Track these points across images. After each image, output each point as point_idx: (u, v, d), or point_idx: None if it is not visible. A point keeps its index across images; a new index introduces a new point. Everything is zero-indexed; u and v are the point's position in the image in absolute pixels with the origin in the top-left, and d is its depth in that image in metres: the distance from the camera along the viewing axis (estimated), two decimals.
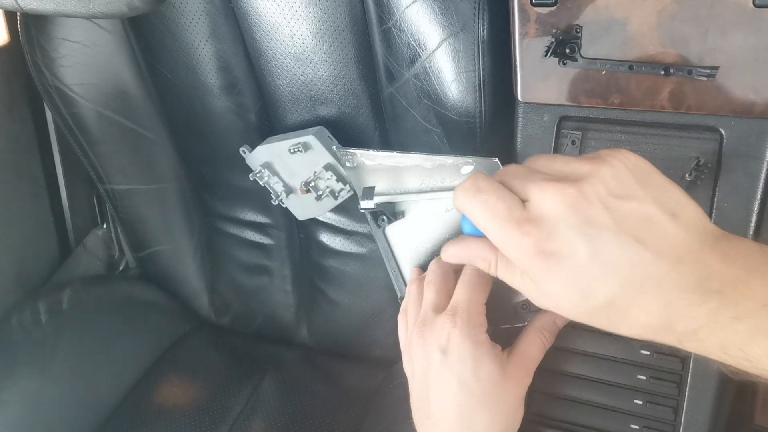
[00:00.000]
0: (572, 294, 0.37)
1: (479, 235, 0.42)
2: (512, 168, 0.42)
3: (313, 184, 0.83)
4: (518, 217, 0.38)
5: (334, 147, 0.80)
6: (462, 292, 0.51)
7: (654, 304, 0.36)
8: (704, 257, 0.36)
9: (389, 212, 0.64)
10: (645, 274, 0.35)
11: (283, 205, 0.88)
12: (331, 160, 0.80)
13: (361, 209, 0.62)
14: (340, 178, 0.81)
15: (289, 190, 0.87)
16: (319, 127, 0.82)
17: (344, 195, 0.83)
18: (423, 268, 0.62)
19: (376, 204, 0.62)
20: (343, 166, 0.71)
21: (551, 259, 0.36)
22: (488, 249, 0.43)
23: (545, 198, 0.37)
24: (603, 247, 0.36)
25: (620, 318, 0.37)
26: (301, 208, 0.89)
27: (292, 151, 0.80)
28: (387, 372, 0.96)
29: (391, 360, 0.97)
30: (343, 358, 1.04)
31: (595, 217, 0.36)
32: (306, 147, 0.80)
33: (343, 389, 0.98)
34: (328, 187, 0.83)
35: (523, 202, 0.39)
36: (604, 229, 0.36)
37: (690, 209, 0.38)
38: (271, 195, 0.87)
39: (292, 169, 0.84)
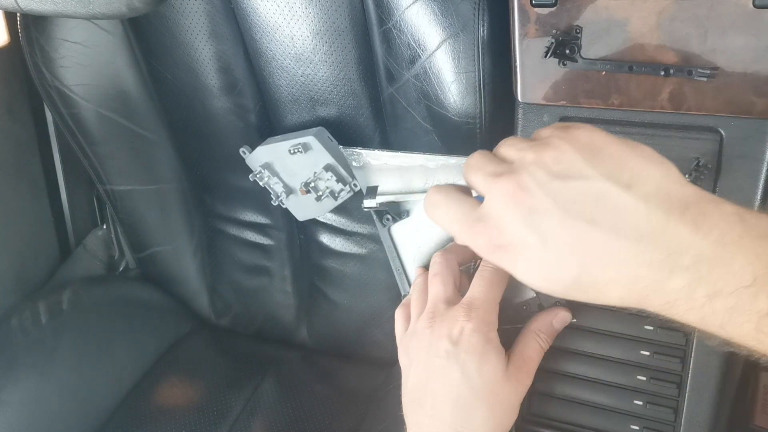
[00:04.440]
0: (539, 277, 0.38)
1: None
2: (473, 160, 0.43)
3: (313, 184, 0.83)
4: (471, 219, 0.40)
5: (340, 147, 0.80)
6: (480, 288, 0.51)
7: (622, 279, 0.35)
8: (671, 228, 0.34)
9: (394, 212, 0.64)
10: (603, 253, 0.35)
11: (283, 206, 0.88)
12: (331, 160, 0.80)
13: (365, 208, 0.62)
14: (340, 179, 0.81)
15: (289, 191, 0.87)
16: (319, 127, 0.82)
17: (344, 195, 0.83)
18: (427, 267, 0.62)
19: (380, 203, 0.62)
20: (349, 165, 0.71)
21: (508, 251, 0.38)
22: None
23: (490, 196, 0.39)
24: (550, 234, 0.36)
25: (595, 292, 0.37)
26: (301, 208, 0.89)
27: (292, 151, 0.80)
28: (387, 373, 0.96)
29: (391, 361, 0.96)
30: (343, 358, 1.04)
31: (536, 206, 0.36)
32: (306, 147, 0.80)
33: (343, 390, 0.98)
34: (328, 187, 0.83)
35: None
36: (547, 216, 0.36)
37: (651, 177, 0.36)
38: (271, 195, 0.87)
39: (292, 169, 0.84)
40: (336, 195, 0.83)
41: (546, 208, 0.36)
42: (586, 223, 0.35)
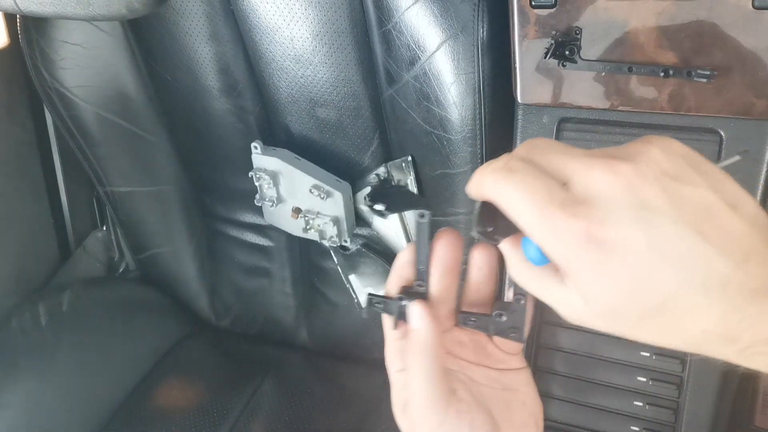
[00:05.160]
0: (621, 294, 0.31)
1: (545, 263, 0.35)
2: (542, 142, 0.34)
3: (307, 218, 0.86)
4: (562, 199, 0.31)
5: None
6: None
7: (716, 308, 0.30)
8: None
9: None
10: (707, 272, 0.30)
11: (258, 204, 0.90)
12: (341, 215, 0.83)
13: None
14: (340, 232, 0.84)
15: (279, 201, 0.88)
16: (346, 183, 0.85)
17: (331, 242, 0.86)
18: None
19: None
20: (354, 227, 0.80)
21: (602, 249, 0.31)
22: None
23: (594, 176, 0.31)
24: (661, 235, 0.30)
25: (673, 324, 0.32)
26: (278, 216, 0.91)
27: (312, 192, 0.82)
28: (386, 374, 0.96)
29: None
30: (343, 360, 1.04)
31: (651, 200, 0.30)
32: (328, 195, 0.82)
33: (343, 391, 0.98)
34: (321, 228, 0.86)
35: (563, 184, 0.32)
36: (661, 215, 0.30)
37: (749, 202, 0.32)
38: (258, 194, 0.89)
39: (295, 191, 0.86)
40: (325, 237, 0.86)
41: (660, 206, 0.30)
42: (696, 232, 0.30)
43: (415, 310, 0.39)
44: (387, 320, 0.41)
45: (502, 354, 0.41)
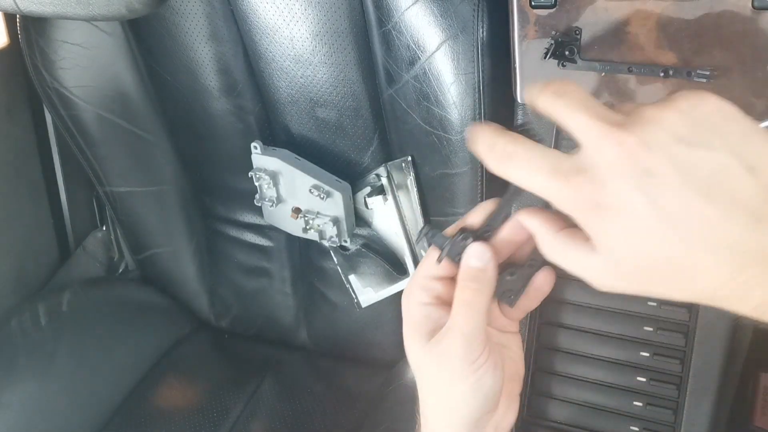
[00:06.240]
0: (629, 249, 0.33)
1: None
2: (576, 94, 0.35)
3: (307, 218, 0.86)
4: (566, 169, 0.34)
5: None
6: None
7: (724, 268, 0.32)
8: None
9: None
10: (712, 234, 0.31)
11: (258, 204, 0.90)
12: (341, 215, 0.83)
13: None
14: (339, 232, 0.84)
15: (279, 201, 0.88)
16: (346, 184, 0.85)
17: (331, 242, 0.86)
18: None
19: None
20: (354, 226, 0.81)
21: (607, 212, 0.33)
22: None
23: (600, 146, 0.33)
24: (662, 200, 0.32)
25: (681, 280, 0.33)
26: (277, 217, 0.91)
27: (312, 192, 0.82)
28: (387, 374, 0.96)
29: (391, 362, 0.97)
30: (343, 360, 1.04)
31: (655, 168, 0.32)
32: (328, 195, 0.82)
33: (343, 391, 0.98)
34: (320, 228, 0.85)
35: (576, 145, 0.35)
36: (664, 181, 0.32)
37: None
38: (257, 195, 0.89)
39: (295, 191, 0.86)
40: (324, 237, 0.86)
41: (664, 173, 0.32)
42: (700, 196, 0.31)
43: (480, 249, 0.41)
44: (432, 252, 0.43)
45: (504, 319, 0.45)
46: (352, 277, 0.92)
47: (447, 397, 0.42)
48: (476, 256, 0.41)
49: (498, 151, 0.36)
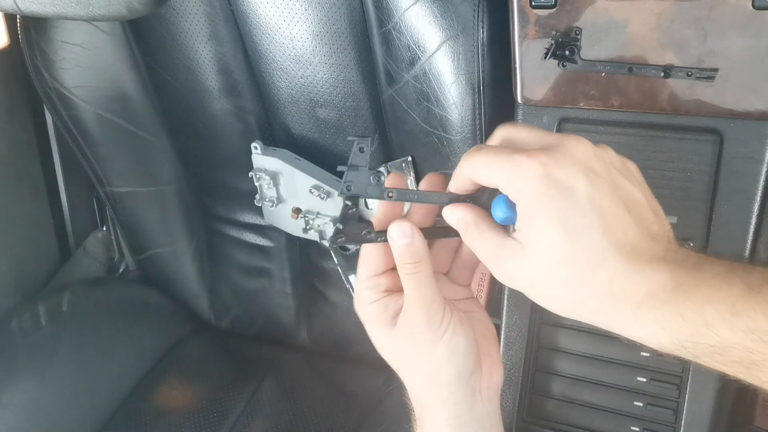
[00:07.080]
0: (558, 231, 0.37)
1: (510, 224, 0.41)
2: (478, 151, 0.42)
3: (307, 218, 0.85)
4: (527, 151, 0.38)
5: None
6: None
7: (622, 261, 0.36)
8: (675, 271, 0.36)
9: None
10: (624, 236, 0.37)
11: (258, 204, 0.90)
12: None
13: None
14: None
15: (279, 201, 0.88)
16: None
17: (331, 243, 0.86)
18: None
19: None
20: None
21: (557, 187, 0.36)
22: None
23: (566, 140, 0.39)
24: (598, 192, 0.37)
25: (586, 273, 0.37)
26: (277, 217, 0.91)
27: (312, 192, 0.82)
28: (387, 374, 0.96)
29: None
30: (343, 360, 1.04)
31: (598, 169, 0.38)
32: (328, 195, 0.81)
33: (343, 392, 0.98)
34: (321, 228, 0.85)
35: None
36: (602, 179, 0.37)
37: (668, 227, 0.40)
38: (257, 195, 0.89)
39: (295, 191, 0.86)
40: (324, 237, 0.86)
41: (603, 173, 0.38)
42: (624, 206, 0.38)
43: (399, 227, 0.43)
44: (366, 255, 0.45)
45: (455, 286, 0.48)
46: (352, 277, 0.92)
47: (428, 366, 0.44)
48: (400, 235, 0.42)
49: (472, 162, 0.42)
